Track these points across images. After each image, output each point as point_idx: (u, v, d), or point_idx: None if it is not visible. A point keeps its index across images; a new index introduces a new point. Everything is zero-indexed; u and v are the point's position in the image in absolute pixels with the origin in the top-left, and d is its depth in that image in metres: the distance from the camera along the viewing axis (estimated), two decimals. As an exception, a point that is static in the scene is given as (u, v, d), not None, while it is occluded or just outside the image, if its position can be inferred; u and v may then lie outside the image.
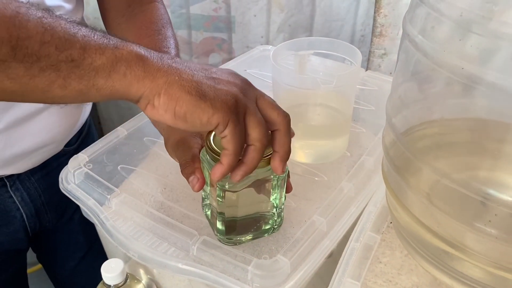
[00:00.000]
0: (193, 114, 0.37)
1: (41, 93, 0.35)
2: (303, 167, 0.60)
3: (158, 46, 0.57)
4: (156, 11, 0.63)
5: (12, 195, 0.66)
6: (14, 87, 0.34)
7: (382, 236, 0.50)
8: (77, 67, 0.34)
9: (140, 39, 0.58)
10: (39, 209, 0.70)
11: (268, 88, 0.77)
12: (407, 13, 0.41)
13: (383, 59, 0.95)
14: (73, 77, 0.34)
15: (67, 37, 0.34)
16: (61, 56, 0.33)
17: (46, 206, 0.71)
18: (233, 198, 0.45)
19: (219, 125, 0.38)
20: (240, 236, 0.49)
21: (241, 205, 0.46)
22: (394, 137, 0.43)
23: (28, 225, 0.70)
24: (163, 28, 0.60)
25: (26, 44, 0.32)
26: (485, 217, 0.36)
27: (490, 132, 0.38)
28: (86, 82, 0.35)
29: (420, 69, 0.39)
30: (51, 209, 0.72)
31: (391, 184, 0.46)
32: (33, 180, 0.68)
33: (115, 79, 0.36)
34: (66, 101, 0.37)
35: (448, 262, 0.42)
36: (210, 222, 0.51)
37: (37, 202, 0.69)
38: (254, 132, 0.40)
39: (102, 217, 0.52)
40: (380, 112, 0.70)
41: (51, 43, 0.33)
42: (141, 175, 0.60)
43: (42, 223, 0.72)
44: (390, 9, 0.88)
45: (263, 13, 1.14)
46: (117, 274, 0.49)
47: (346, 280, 0.45)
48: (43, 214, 0.71)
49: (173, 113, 0.37)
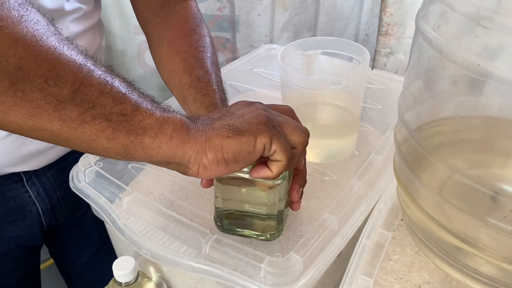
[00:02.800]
0: (241, 152, 0.39)
1: (87, 141, 0.36)
2: (312, 166, 0.61)
3: (194, 45, 0.58)
4: (190, 10, 0.64)
5: (28, 190, 0.68)
6: (62, 130, 0.34)
7: (392, 234, 0.50)
8: (127, 121, 0.36)
9: (176, 39, 0.59)
10: (55, 204, 0.71)
11: (274, 87, 0.78)
12: (420, 10, 0.41)
13: (389, 58, 0.95)
14: (122, 130, 0.36)
15: (124, 92, 0.36)
16: (115, 108, 0.35)
17: (61, 201, 0.72)
18: (220, 185, 0.46)
19: (265, 146, 0.40)
20: (231, 227, 0.49)
21: (229, 197, 0.47)
22: (407, 133, 0.43)
23: (44, 220, 0.71)
24: (198, 27, 0.61)
25: (86, 91, 0.34)
26: (500, 213, 0.36)
27: (502, 130, 0.39)
28: (134, 138, 0.36)
29: (434, 66, 0.39)
30: (66, 204, 0.73)
31: (403, 180, 0.46)
32: (49, 175, 0.69)
33: (162, 140, 0.37)
34: (109, 154, 0.37)
35: (460, 258, 0.42)
36: None
37: (53, 197, 0.71)
38: (294, 136, 0.42)
39: (114, 215, 0.52)
40: (387, 111, 0.71)
41: (109, 94, 0.35)
42: (151, 174, 0.60)
43: (57, 218, 0.73)
44: (396, 8, 0.88)
45: (267, 12, 1.15)
46: (128, 271, 0.49)
47: (359, 277, 0.45)
48: (58, 209, 0.72)
49: (224, 163, 0.39)
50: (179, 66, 0.58)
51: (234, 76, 0.79)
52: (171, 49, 0.60)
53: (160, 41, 0.62)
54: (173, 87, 0.59)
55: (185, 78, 0.56)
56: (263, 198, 0.47)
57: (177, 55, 0.58)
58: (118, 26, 1.17)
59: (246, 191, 0.47)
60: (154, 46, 0.64)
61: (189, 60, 0.57)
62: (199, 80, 0.55)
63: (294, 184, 0.48)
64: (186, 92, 0.55)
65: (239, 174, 0.44)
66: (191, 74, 0.56)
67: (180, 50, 0.59)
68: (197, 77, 0.56)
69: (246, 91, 0.76)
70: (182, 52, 0.58)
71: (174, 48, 0.59)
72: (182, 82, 0.56)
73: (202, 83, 0.55)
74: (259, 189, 0.46)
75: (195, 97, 0.54)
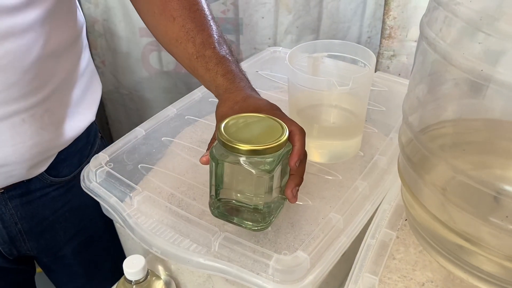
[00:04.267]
0: None
1: None
2: (317, 166, 0.62)
3: (187, 6, 0.59)
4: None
5: None
6: None
7: (396, 233, 0.51)
8: None
9: (167, 2, 0.59)
10: (15, 236, 0.67)
11: (278, 88, 0.79)
12: (424, 16, 0.42)
13: (392, 61, 0.97)
14: None
15: None
16: None
17: (24, 235, 0.68)
18: (215, 173, 0.48)
19: None
20: (223, 213, 0.51)
21: (223, 186, 0.49)
22: (411, 135, 0.44)
23: (2, 250, 0.67)
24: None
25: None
26: (502, 213, 0.37)
27: (505, 132, 0.40)
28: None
29: (437, 70, 0.40)
30: (30, 238, 0.69)
31: (407, 181, 0.47)
32: (10, 206, 0.65)
33: None
34: None
35: (463, 256, 0.43)
36: None
37: (12, 229, 0.66)
38: None
39: (125, 214, 0.53)
40: (390, 113, 0.72)
41: None
42: (160, 174, 0.61)
43: (20, 251, 0.69)
44: (399, 12, 0.90)
45: (270, 15, 1.16)
46: (138, 270, 0.51)
47: (364, 275, 0.46)
48: (20, 242, 0.68)
49: None
50: (179, 34, 0.57)
51: (240, 78, 0.80)
52: (166, 16, 0.58)
53: (150, 7, 0.60)
54: (178, 56, 0.59)
55: (190, 47, 0.56)
56: (251, 189, 0.48)
57: (174, 22, 0.58)
58: (123, 28, 1.18)
59: (238, 180, 0.48)
60: (145, 13, 0.62)
61: (188, 26, 0.57)
62: (205, 47, 0.56)
63: (290, 183, 0.49)
64: (195, 63, 0.56)
65: (238, 158, 0.46)
66: (195, 42, 0.56)
67: (175, 15, 0.58)
68: (202, 44, 0.56)
69: (252, 93, 0.77)
70: (178, 17, 0.57)
71: (169, 14, 0.58)
72: (189, 52, 0.57)
73: (209, 50, 0.56)
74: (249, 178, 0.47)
75: (207, 67, 0.55)
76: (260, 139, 0.46)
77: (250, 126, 0.48)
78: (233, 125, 0.48)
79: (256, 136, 0.46)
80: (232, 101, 0.53)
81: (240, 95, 0.53)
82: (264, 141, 0.46)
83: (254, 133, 0.47)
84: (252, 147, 0.45)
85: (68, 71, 0.62)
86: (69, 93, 0.63)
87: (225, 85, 0.55)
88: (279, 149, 0.46)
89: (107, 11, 1.16)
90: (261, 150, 0.45)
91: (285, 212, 0.55)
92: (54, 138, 0.62)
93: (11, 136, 0.56)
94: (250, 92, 0.55)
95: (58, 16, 0.57)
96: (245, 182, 0.48)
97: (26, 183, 0.64)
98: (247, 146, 0.45)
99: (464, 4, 0.36)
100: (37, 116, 0.58)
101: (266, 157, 0.46)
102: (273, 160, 0.46)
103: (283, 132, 0.47)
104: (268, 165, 0.46)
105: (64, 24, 0.59)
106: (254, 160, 0.46)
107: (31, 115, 0.57)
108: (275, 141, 0.46)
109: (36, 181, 0.65)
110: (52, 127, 0.61)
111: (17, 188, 0.64)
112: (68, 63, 0.62)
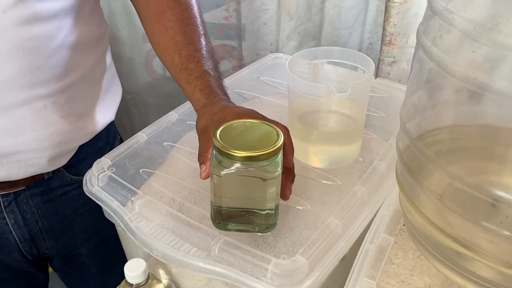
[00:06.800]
0: None
1: None
2: (317, 171, 0.63)
3: (181, 20, 0.60)
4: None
5: (5, 216, 0.65)
6: None
7: (395, 238, 0.52)
8: None
9: (163, 13, 0.61)
10: (36, 235, 0.68)
11: (279, 94, 0.80)
12: (420, 25, 0.43)
13: (392, 67, 0.97)
14: None
15: None
16: None
17: (44, 233, 0.69)
18: (215, 182, 0.48)
19: None
20: (226, 223, 0.51)
21: (228, 195, 0.49)
22: (408, 142, 0.45)
23: (23, 248, 0.68)
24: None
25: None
26: (497, 219, 0.38)
27: (499, 138, 0.40)
28: None
29: (433, 77, 0.41)
30: (50, 237, 0.70)
31: (404, 187, 0.48)
32: (31, 204, 0.66)
33: None
34: None
35: (460, 262, 0.44)
36: None
37: (33, 227, 0.67)
38: None
39: (126, 218, 0.54)
40: (390, 119, 0.72)
41: None
42: (161, 178, 0.62)
43: (40, 250, 0.70)
44: (399, 18, 0.91)
45: (272, 21, 1.17)
46: (139, 273, 0.51)
47: (362, 280, 0.46)
48: (40, 241, 0.69)
49: None
50: (168, 45, 0.59)
51: (241, 84, 0.81)
52: (160, 26, 0.60)
53: (148, 14, 0.62)
54: (167, 66, 0.61)
55: (176, 59, 0.58)
56: (264, 193, 0.48)
57: (166, 32, 0.59)
58: (126, 34, 1.20)
59: (246, 188, 0.48)
60: (144, 19, 0.64)
61: (177, 38, 0.58)
62: (189, 60, 0.57)
63: (285, 180, 0.49)
64: (179, 74, 0.57)
65: (241, 170, 0.46)
66: (181, 54, 0.57)
67: (168, 26, 0.59)
68: (187, 57, 0.57)
69: (253, 99, 0.78)
70: (170, 29, 0.59)
71: (162, 24, 0.60)
72: (174, 63, 0.58)
73: (192, 64, 0.56)
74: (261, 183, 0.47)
75: (188, 80, 0.56)
76: (260, 144, 0.47)
77: (245, 132, 0.48)
78: (228, 134, 0.47)
79: (255, 142, 0.47)
80: (209, 113, 0.53)
81: (217, 107, 0.54)
82: (265, 145, 0.46)
83: (252, 139, 0.48)
84: (258, 153, 0.45)
85: (90, 67, 0.65)
86: (90, 88, 0.66)
87: (202, 101, 0.55)
88: (280, 149, 0.47)
89: (111, 17, 1.18)
90: (267, 153, 0.46)
91: (285, 216, 0.55)
92: (74, 130, 0.64)
93: (32, 121, 0.58)
94: (227, 103, 0.55)
95: (81, 11, 0.61)
96: (254, 188, 0.48)
97: (47, 181, 0.66)
98: (252, 152, 0.45)
99: (459, 14, 0.37)
100: (58, 104, 0.60)
101: (271, 159, 0.46)
102: (277, 161, 0.47)
103: (278, 133, 0.48)
104: (275, 166, 0.47)
105: (86, 21, 0.62)
106: (260, 164, 0.46)
107: (53, 102, 0.59)
108: (276, 143, 0.46)
109: (57, 178, 0.67)
110: (73, 118, 0.63)
111: (39, 186, 0.66)
112: (90, 59, 0.64)
